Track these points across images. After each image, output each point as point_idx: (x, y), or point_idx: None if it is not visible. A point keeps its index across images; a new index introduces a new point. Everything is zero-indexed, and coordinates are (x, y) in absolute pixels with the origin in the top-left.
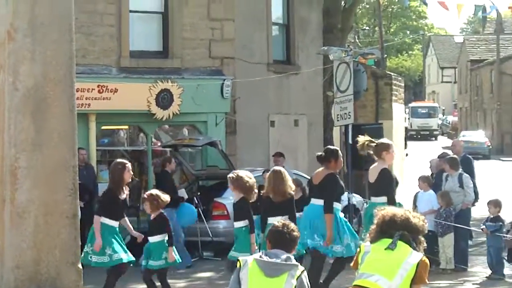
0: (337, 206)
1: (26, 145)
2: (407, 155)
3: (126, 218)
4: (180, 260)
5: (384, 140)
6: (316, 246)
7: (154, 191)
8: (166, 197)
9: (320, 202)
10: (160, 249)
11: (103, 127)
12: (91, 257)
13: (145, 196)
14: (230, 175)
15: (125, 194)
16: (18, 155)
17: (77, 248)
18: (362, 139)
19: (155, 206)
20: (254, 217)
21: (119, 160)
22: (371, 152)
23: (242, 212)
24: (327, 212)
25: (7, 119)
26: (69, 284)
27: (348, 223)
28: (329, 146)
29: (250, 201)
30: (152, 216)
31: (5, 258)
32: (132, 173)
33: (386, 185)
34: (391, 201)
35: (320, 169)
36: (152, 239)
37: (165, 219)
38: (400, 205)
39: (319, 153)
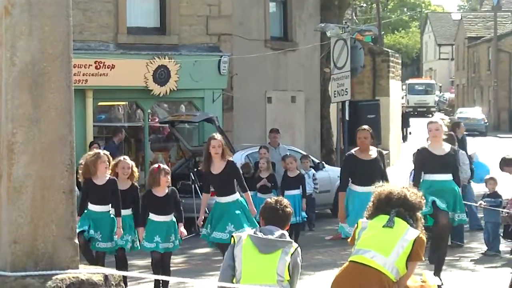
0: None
1: (23, 120)
2: (410, 133)
3: (238, 194)
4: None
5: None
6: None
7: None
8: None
9: None
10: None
11: (100, 103)
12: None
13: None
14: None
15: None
16: (15, 130)
17: (73, 223)
18: None
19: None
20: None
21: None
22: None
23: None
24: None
25: (4, 94)
26: (66, 259)
27: None
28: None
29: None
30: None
31: (2, 233)
32: (220, 147)
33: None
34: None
35: None
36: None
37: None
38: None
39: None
